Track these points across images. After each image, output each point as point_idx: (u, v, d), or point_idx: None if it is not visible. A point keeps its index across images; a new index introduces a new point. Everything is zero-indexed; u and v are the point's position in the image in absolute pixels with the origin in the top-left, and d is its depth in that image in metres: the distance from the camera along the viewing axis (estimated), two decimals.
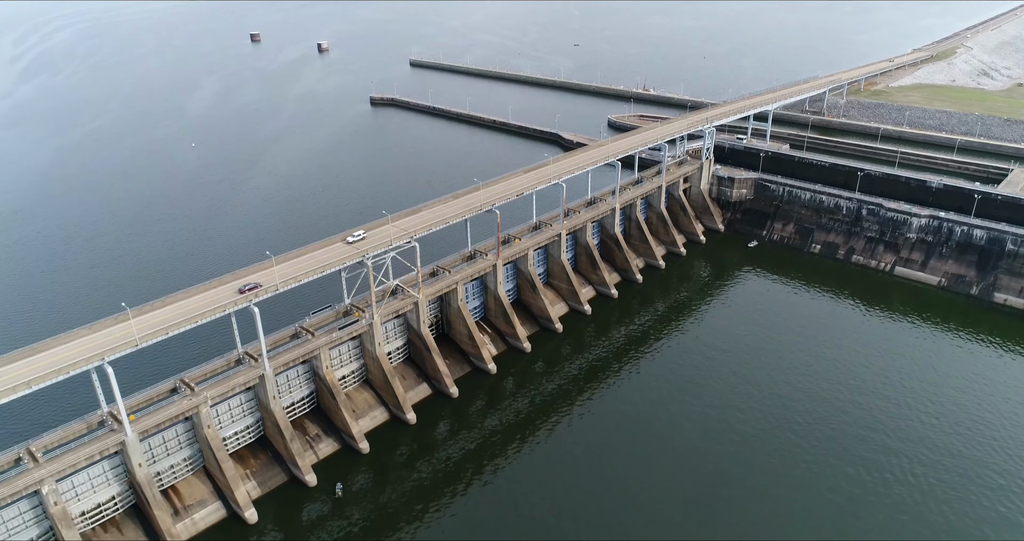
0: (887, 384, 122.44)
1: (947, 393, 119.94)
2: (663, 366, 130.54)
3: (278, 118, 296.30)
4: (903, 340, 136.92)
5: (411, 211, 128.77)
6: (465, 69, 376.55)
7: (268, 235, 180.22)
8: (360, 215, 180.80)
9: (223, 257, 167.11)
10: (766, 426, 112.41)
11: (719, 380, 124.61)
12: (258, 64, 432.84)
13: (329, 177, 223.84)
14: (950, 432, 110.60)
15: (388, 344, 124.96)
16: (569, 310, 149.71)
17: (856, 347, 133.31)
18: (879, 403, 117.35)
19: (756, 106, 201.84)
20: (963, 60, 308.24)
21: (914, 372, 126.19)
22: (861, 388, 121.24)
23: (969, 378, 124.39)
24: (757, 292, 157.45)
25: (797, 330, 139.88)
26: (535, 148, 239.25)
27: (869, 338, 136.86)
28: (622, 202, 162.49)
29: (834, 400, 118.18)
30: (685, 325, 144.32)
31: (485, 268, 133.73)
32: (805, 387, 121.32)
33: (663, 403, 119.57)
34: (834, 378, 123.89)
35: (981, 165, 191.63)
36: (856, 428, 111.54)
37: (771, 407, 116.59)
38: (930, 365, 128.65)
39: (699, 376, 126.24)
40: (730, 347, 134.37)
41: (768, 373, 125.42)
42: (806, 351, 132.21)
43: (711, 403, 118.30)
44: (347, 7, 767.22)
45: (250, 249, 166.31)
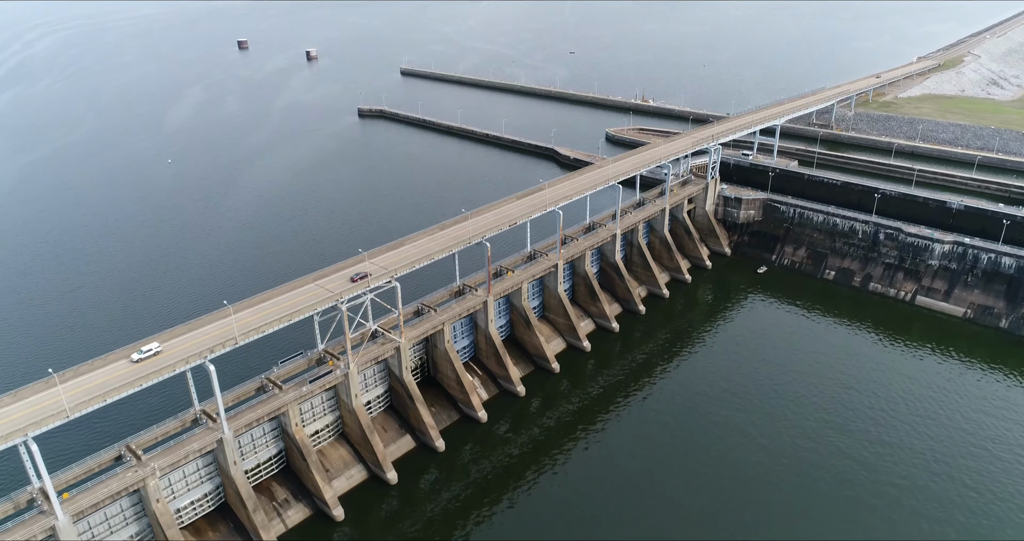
0: (913, 428, 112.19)
1: (978, 440, 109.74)
2: (667, 408, 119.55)
3: (261, 132, 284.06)
4: (927, 379, 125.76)
5: (392, 245, 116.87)
6: (458, 78, 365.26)
7: (235, 273, 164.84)
8: (340, 245, 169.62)
9: (176, 305, 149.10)
10: (783, 485, 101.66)
11: (728, 426, 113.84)
12: (244, 73, 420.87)
13: (309, 201, 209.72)
14: (990, 488, 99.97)
15: (367, 393, 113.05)
16: (567, 346, 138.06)
17: (876, 387, 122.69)
18: (905, 454, 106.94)
19: (763, 121, 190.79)
20: (971, 69, 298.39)
21: (940, 413, 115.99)
22: (885, 433, 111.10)
23: (999, 417, 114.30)
24: (768, 324, 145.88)
25: (812, 369, 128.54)
26: (530, 164, 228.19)
27: (890, 378, 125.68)
28: (623, 227, 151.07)
29: (859, 450, 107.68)
30: (691, 361, 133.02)
31: (475, 305, 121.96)
32: (825, 437, 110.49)
33: (668, 452, 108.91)
34: (855, 423, 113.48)
35: (1003, 184, 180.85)
36: (880, 484, 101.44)
37: (789, 466, 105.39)
38: (957, 407, 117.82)
39: (706, 421, 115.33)
40: (740, 388, 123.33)
41: (784, 422, 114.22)
42: (822, 393, 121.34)
43: (719, 457, 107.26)
44: (339, 13, 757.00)
45: (212, 290, 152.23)
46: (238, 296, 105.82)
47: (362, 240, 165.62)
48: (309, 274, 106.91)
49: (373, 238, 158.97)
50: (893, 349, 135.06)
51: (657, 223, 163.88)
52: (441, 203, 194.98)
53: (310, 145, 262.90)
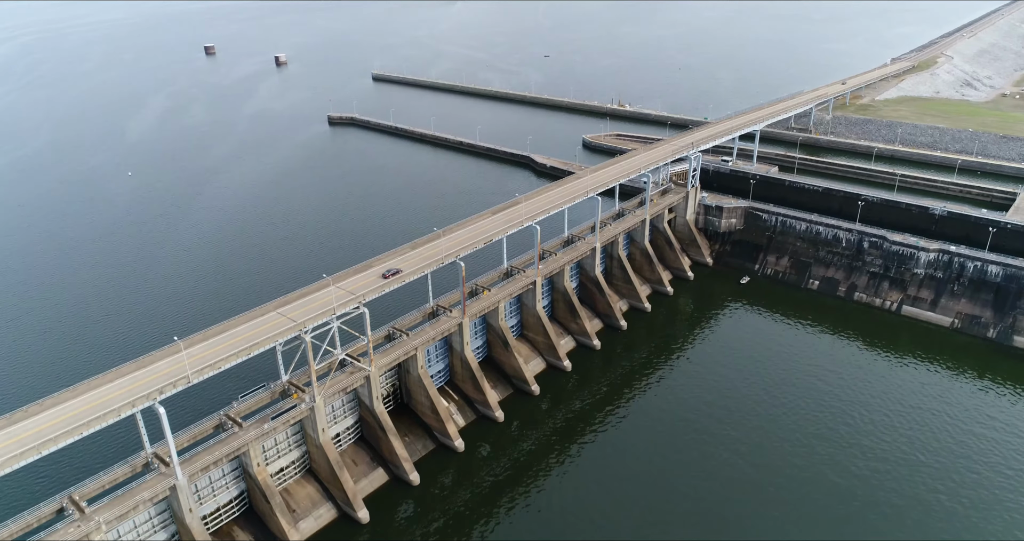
0: (899, 439, 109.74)
1: (965, 450, 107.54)
2: (651, 427, 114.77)
3: (227, 141, 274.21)
4: (917, 391, 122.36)
5: (360, 267, 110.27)
6: (430, 83, 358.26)
7: (192, 300, 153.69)
8: (306, 265, 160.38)
9: (127, 338, 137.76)
10: (774, 501, 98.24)
11: (715, 442, 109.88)
12: (211, 79, 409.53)
13: (275, 217, 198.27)
14: (975, 500, 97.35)
15: (335, 425, 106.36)
16: (547, 366, 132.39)
17: (864, 399, 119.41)
18: (891, 467, 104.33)
19: (742, 127, 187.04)
20: (945, 70, 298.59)
21: (927, 425, 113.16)
22: (878, 446, 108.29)
23: (987, 428, 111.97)
24: (752, 336, 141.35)
25: (798, 381, 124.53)
26: (506, 173, 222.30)
27: (878, 390, 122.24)
28: (603, 240, 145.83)
29: (852, 464, 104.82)
30: (674, 377, 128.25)
31: (450, 328, 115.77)
32: (815, 451, 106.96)
33: (654, 473, 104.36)
34: (847, 437, 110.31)
35: (985, 189, 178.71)
36: (876, 500, 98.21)
37: (780, 481, 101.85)
38: (949, 419, 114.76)
39: (692, 439, 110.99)
40: (725, 403, 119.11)
41: (772, 436, 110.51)
42: (810, 406, 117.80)
43: (707, 475, 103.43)
44: (310, 17, 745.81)
45: (166, 321, 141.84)
46: (195, 326, 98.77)
47: (330, 260, 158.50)
48: (271, 301, 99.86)
49: (341, 258, 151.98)
50: (880, 360, 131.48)
51: (637, 234, 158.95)
52: (414, 218, 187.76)
53: (278, 155, 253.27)
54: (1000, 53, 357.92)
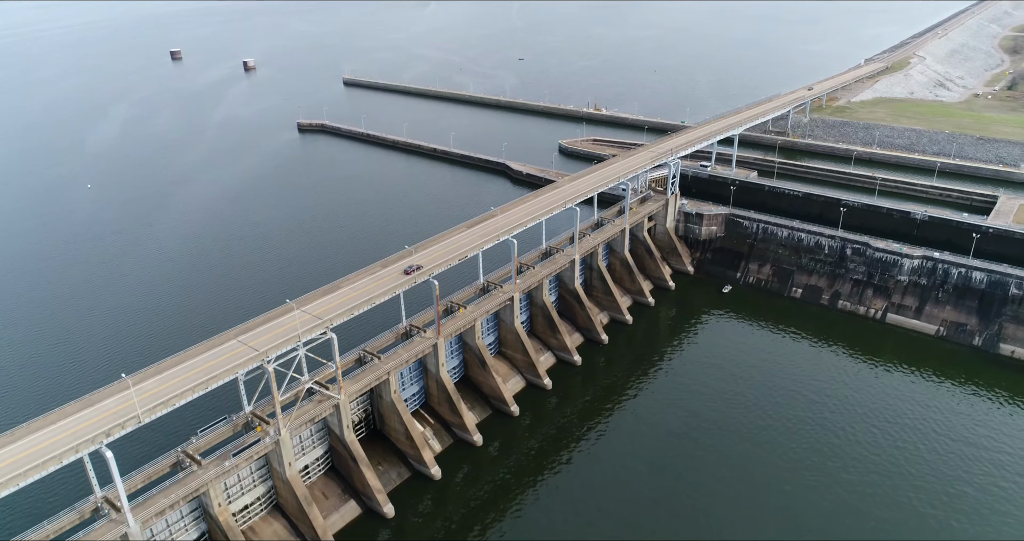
0: (886, 449, 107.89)
1: (953, 459, 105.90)
2: (634, 444, 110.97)
3: (192, 151, 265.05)
4: (903, 401, 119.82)
5: (329, 288, 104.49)
6: (403, 88, 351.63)
7: (148, 328, 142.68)
8: (272, 285, 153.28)
9: (73, 376, 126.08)
10: (764, 515, 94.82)
11: (699, 458, 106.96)
12: (177, 86, 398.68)
13: (242, 231, 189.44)
14: (964, 509, 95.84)
15: (304, 457, 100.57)
16: (526, 385, 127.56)
17: (851, 410, 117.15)
18: (879, 478, 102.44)
19: (721, 131, 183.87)
20: (919, 71, 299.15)
21: (915, 435, 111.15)
22: (862, 457, 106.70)
23: (975, 436, 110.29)
24: (735, 346, 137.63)
25: (783, 393, 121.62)
26: (481, 181, 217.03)
27: (863, 399, 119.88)
28: (582, 251, 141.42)
29: (840, 476, 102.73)
30: (657, 391, 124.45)
31: (424, 349, 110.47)
32: (803, 463, 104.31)
33: (637, 492, 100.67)
34: (834, 447, 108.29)
35: (964, 192, 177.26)
36: (860, 503, 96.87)
37: (768, 496, 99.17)
38: (933, 428, 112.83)
39: (675, 455, 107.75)
40: (708, 416, 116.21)
41: (759, 459, 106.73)
42: (796, 418, 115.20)
43: (693, 491, 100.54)
44: (281, 20, 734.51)
45: (121, 350, 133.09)
46: (150, 356, 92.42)
47: (296, 281, 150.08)
48: (232, 328, 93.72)
49: (308, 279, 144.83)
50: (866, 370, 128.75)
51: (617, 244, 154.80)
52: (385, 232, 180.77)
53: (245, 165, 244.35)
54: (970, 53, 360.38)
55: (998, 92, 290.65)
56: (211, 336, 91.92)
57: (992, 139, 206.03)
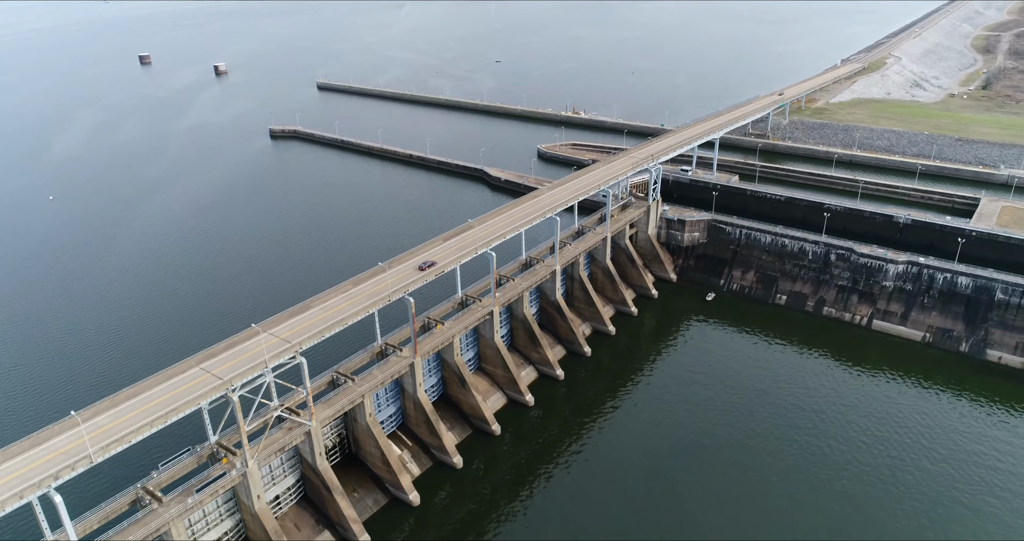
0: (875, 457, 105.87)
1: (943, 467, 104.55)
2: (621, 462, 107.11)
3: (161, 159, 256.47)
4: (888, 408, 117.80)
5: (298, 309, 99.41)
6: (378, 92, 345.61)
7: (105, 355, 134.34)
8: (239, 305, 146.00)
9: (21, 412, 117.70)
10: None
11: (689, 474, 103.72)
12: (145, 91, 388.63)
13: (209, 246, 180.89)
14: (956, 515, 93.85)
15: (275, 486, 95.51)
16: (507, 402, 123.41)
17: (838, 417, 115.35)
18: (868, 489, 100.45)
19: (702, 135, 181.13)
20: (895, 71, 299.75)
21: (903, 443, 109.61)
22: (850, 465, 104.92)
23: (964, 443, 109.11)
24: (721, 356, 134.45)
25: (772, 404, 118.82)
26: (458, 188, 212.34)
27: (850, 408, 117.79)
28: (563, 261, 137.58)
29: (830, 486, 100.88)
30: (642, 404, 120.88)
31: (400, 369, 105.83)
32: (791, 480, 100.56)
33: (623, 514, 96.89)
34: (822, 457, 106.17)
35: (946, 195, 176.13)
36: (851, 512, 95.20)
37: (759, 515, 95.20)
38: (921, 436, 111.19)
39: (660, 475, 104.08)
40: (694, 431, 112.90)
41: (746, 471, 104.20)
42: (786, 433, 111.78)
43: (679, 513, 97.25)
44: (253, 23, 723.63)
45: (75, 382, 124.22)
46: (107, 387, 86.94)
47: (267, 297, 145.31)
48: (194, 355, 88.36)
49: (279, 295, 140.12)
50: (853, 378, 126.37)
51: (598, 252, 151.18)
52: (359, 245, 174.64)
53: (215, 174, 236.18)
54: (945, 53, 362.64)
55: (973, 92, 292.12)
56: (172, 363, 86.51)
57: (971, 140, 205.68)
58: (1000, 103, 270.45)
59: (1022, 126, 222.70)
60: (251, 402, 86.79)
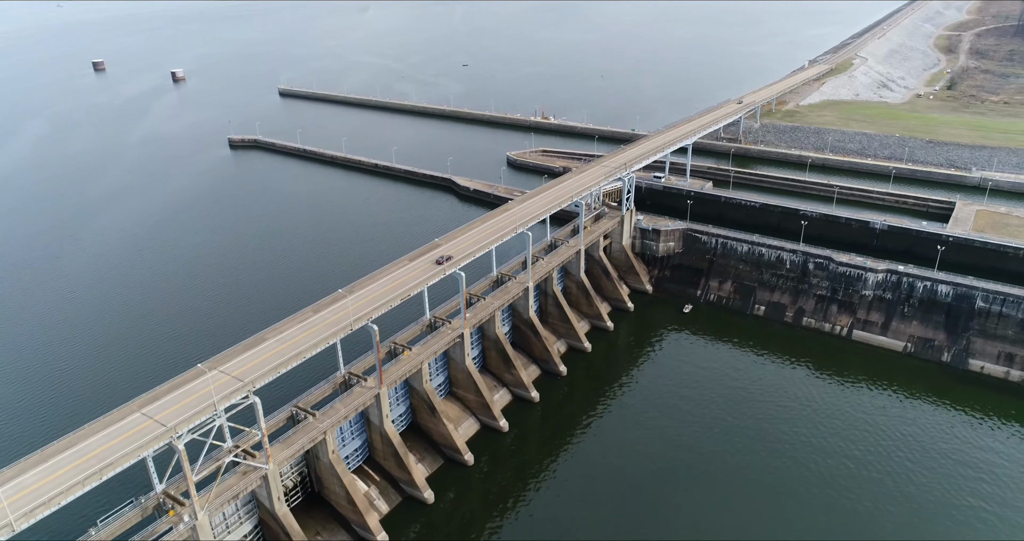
0: (860, 470, 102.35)
1: (926, 480, 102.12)
2: (600, 486, 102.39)
3: (113, 173, 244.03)
4: (871, 420, 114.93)
5: (252, 342, 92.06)
6: (342, 98, 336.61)
7: (33, 407, 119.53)
8: (186, 341, 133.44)
9: None
10: None
11: (670, 495, 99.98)
12: (98, 99, 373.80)
13: (160, 269, 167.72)
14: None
15: (229, 535, 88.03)
16: (480, 428, 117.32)
17: (819, 430, 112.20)
18: (855, 504, 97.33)
19: (675, 142, 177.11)
20: (862, 72, 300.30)
21: (887, 455, 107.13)
22: (833, 477, 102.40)
23: (948, 455, 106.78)
24: (700, 371, 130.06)
25: (753, 419, 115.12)
26: (425, 198, 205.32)
27: (831, 420, 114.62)
28: (536, 277, 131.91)
29: (817, 499, 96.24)
30: (621, 423, 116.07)
31: (366, 401, 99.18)
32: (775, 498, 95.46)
33: None
34: (811, 472, 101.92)
35: (921, 199, 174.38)
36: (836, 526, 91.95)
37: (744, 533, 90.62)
38: (904, 447, 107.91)
39: (645, 494, 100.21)
40: (678, 444, 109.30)
41: (730, 490, 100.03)
42: (769, 447, 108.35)
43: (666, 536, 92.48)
44: (212, 27, 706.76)
45: None
46: (38, 438, 78.84)
47: (219, 329, 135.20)
48: (135, 398, 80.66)
49: (232, 326, 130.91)
50: (834, 390, 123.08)
51: (572, 266, 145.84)
52: (320, 267, 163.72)
53: (170, 188, 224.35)
54: (909, 53, 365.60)
55: (938, 92, 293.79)
56: (111, 409, 78.73)
57: (941, 142, 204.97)
58: (966, 103, 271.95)
59: (990, 127, 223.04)
60: (202, 444, 79.60)
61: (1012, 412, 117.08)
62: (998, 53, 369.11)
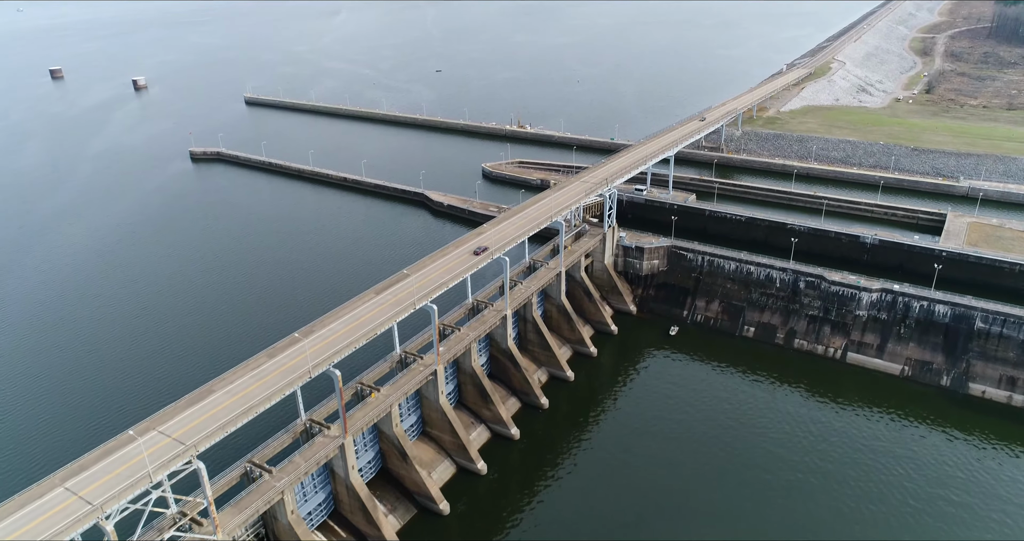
0: (860, 502, 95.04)
1: (933, 510, 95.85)
2: (588, 533, 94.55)
3: (64, 189, 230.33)
4: (868, 448, 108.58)
5: (196, 396, 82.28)
6: (311, 107, 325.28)
7: None
8: (124, 398, 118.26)
9: None
10: None
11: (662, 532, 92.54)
12: (54, 109, 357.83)
13: (105, 307, 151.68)
14: None
15: None
16: (457, 471, 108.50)
17: (815, 459, 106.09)
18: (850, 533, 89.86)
19: (657, 153, 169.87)
20: (841, 77, 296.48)
21: (887, 485, 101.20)
22: (832, 511, 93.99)
23: (950, 484, 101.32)
24: (688, 398, 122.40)
25: (748, 451, 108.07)
26: (398, 214, 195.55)
27: (828, 448, 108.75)
28: (514, 304, 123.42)
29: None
30: (608, 461, 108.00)
31: (329, 452, 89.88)
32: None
33: None
34: (806, 508, 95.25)
35: (910, 210, 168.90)
36: None
37: None
38: (905, 477, 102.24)
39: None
40: (670, 478, 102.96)
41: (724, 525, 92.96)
42: (764, 481, 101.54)
43: None
44: (177, 33, 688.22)
45: None
46: None
47: (165, 379, 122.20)
48: (58, 471, 70.59)
49: (179, 375, 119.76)
50: (829, 416, 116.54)
51: (552, 289, 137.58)
52: (279, 299, 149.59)
53: (125, 206, 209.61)
54: (885, 56, 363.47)
55: (917, 96, 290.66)
56: (30, 484, 68.69)
57: (927, 150, 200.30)
58: (945, 107, 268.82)
59: (973, 133, 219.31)
60: (141, 514, 70.09)
61: (1018, 439, 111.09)
62: (972, 55, 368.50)
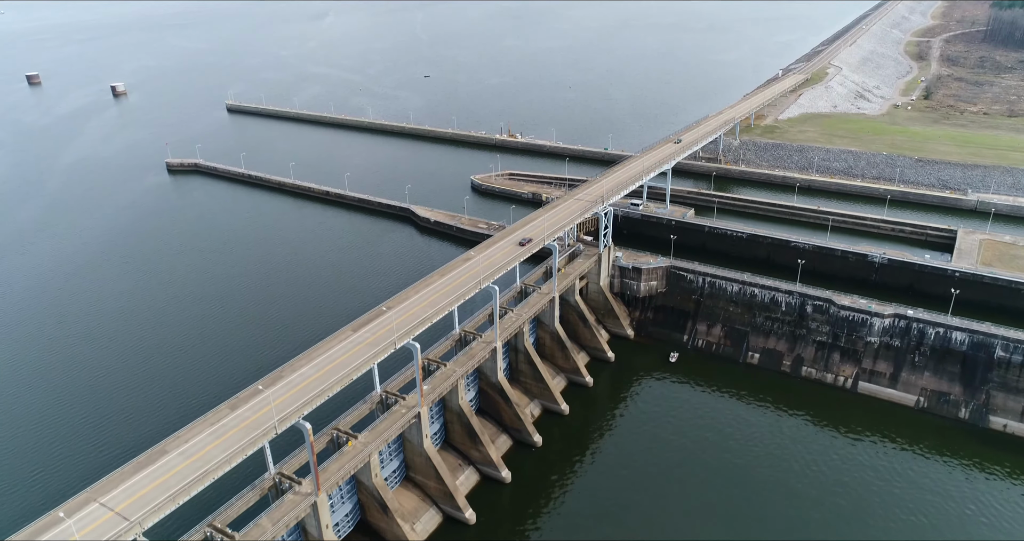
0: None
1: None
2: None
3: (33, 203, 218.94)
4: (883, 487, 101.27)
5: (147, 460, 73.13)
6: (295, 115, 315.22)
7: None
8: (76, 459, 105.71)
9: None
10: None
11: None
12: (28, 117, 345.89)
13: (70, 346, 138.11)
14: None
15: None
16: (443, 520, 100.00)
17: (829, 497, 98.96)
18: None
19: (654, 167, 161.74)
20: (838, 83, 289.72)
21: (906, 527, 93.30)
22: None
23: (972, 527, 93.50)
24: (690, 430, 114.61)
25: (759, 497, 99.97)
26: (383, 231, 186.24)
27: (844, 489, 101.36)
28: (505, 334, 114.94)
29: None
30: (603, 505, 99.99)
31: (300, 512, 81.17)
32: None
33: None
34: None
35: (919, 226, 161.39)
36: None
37: None
38: (924, 529, 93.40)
39: None
40: (673, 527, 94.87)
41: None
42: (774, 520, 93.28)
43: None
44: (159, 36, 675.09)
45: None
46: None
47: (113, 439, 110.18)
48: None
49: (130, 434, 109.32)
50: (839, 451, 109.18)
51: (545, 315, 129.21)
52: (248, 338, 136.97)
53: (95, 222, 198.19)
54: (881, 61, 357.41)
55: (915, 102, 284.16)
56: None
57: (931, 161, 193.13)
58: (945, 114, 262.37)
59: (977, 142, 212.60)
60: None
61: None
62: (969, 60, 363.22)
